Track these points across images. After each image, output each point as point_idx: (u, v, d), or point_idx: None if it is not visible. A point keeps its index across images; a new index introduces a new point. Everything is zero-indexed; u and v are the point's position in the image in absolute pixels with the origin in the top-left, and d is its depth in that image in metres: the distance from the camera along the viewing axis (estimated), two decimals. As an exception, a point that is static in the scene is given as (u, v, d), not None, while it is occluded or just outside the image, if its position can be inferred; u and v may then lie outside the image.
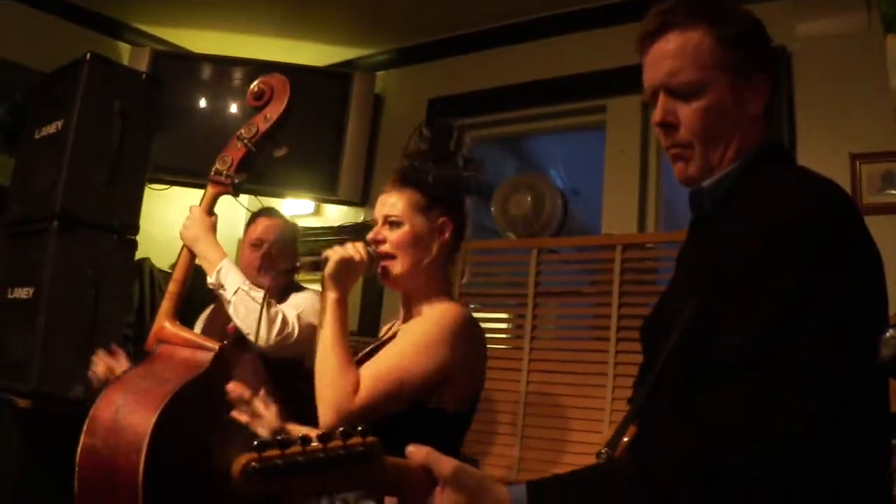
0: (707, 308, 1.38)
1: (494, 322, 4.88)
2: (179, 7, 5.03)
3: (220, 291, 2.83)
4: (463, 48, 5.10)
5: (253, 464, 1.12)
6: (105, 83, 3.62)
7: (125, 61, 4.91)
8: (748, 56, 1.56)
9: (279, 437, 1.15)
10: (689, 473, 1.24)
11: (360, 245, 2.31)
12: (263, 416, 2.26)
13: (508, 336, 4.61)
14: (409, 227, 2.35)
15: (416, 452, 1.32)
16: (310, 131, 4.65)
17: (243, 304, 2.80)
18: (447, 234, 2.42)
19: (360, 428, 1.20)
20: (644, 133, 4.38)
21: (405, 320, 2.42)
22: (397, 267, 2.34)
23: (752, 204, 1.43)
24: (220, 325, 3.31)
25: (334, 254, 2.26)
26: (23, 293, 3.48)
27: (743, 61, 1.56)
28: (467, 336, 2.27)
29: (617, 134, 4.50)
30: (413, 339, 2.22)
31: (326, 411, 2.13)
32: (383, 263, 2.34)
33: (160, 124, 3.88)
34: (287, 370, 3.06)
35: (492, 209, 4.80)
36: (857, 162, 3.58)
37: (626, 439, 1.55)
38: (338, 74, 5.24)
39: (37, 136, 3.72)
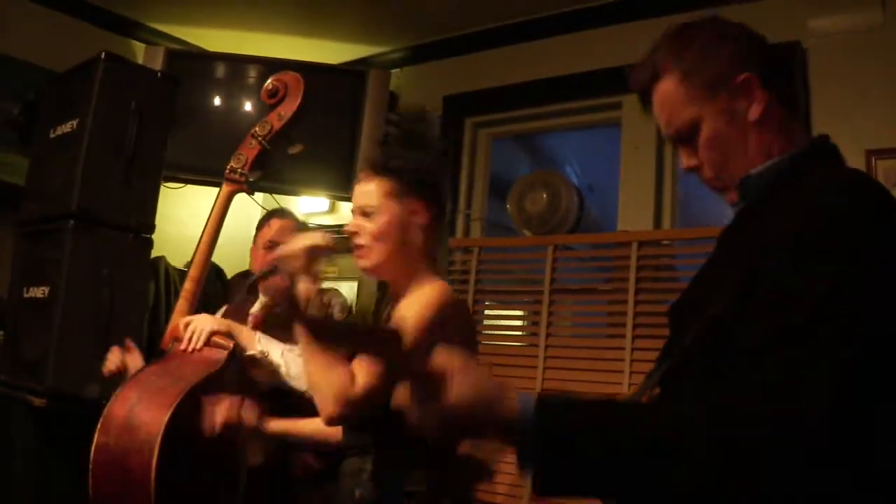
0: (741, 295, 1.38)
1: (510, 319, 4.88)
2: (193, 6, 5.04)
3: (270, 358, 2.81)
4: (478, 45, 5.09)
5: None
6: (120, 82, 3.61)
7: (140, 60, 4.92)
8: (719, 74, 1.58)
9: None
10: (697, 441, 1.24)
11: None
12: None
13: (524, 334, 4.60)
14: (385, 216, 2.36)
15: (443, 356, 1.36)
16: (324, 129, 4.63)
17: (293, 363, 2.78)
18: (424, 219, 2.42)
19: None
20: (659, 130, 4.33)
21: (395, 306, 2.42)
22: (376, 256, 2.35)
23: (795, 198, 1.44)
24: (238, 320, 3.31)
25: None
26: (38, 292, 3.48)
27: (716, 81, 1.58)
28: (453, 316, 2.29)
29: (633, 130, 4.48)
30: (401, 322, 2.21)
31: (328, 402, 2.12)
32: (362, 255, 2.37)
33: (175, 123, 3.87)
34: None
35: (507, 206, 4.79)
36: (872, 158, 3.55)
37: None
38: (352, 72, 5.22)
39: (52, 136, 3.72)
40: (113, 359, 2.83)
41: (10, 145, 4.52)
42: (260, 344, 2.68)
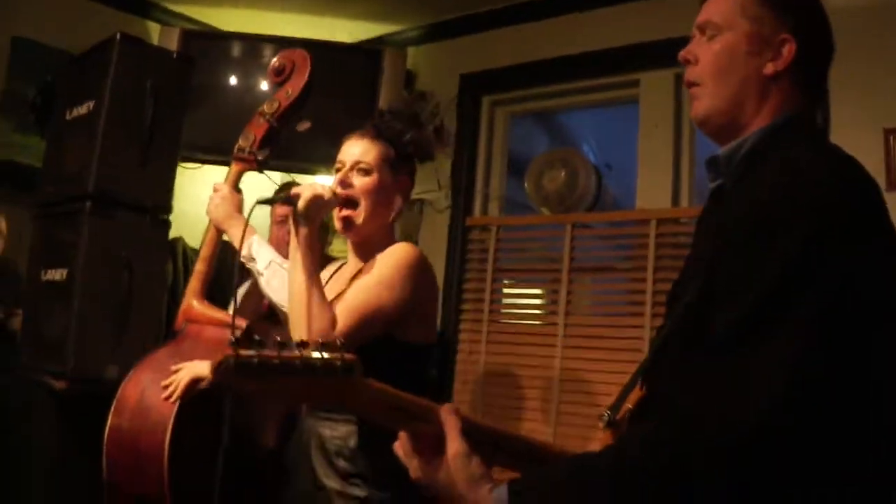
0: (709, 281, 1.36)
1: (528, 298, 4.87)
2: (209, -15, 5.03)
3: (252, 265, 2.83)
4: (495, 23, 5.05)
5: (230, 360, 1.11)
6: (136, 63, 3.60)
7: (155, 41, 4.91)
8: (776, 17, 1.56)
9: (257, 339, 1.14)
10: (658, 465, 1.22)
11: (327, 185, 2.36)
12: None
13: (543, 312, 4.60)
14: (377, 177, 2.44)
15: (446, 414, 1.35)
16: (341, 107, 4.61)
17: (276, 276, 2.78)
18: (406, 190, 2.54)
19: (338, 342, 1.20)
20: (678, 107, 4.32)
21: (356, 263, 2.50)
22: (360, 216, 2.42)
23: (759, 178, 1.41)
24: (254, 302, 3.31)
25: (305, 191, 2.29)
26: (57, 275, 3.48)
27: (769, 19, 1.56)
28: (426, 273, 2.40)
29: (650, 108, 4.44)
30: (379, 275, 2.30)
31: (301, 335, 2.15)
32: (346, 212, 2.42)
33: (191, 103, 3.86)
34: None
35: (525, 185, 4.77)
36: (890, 137, 3.49)
37: (629, 405, 1.58)
38: (368, 50, 5.22)
39: (68, 118, 3.72)
40: None
41: (27, 127, 4.54)
42: (249, 248, 2.68)
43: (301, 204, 2.27)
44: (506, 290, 4.80)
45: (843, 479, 1.25)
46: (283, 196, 2.42)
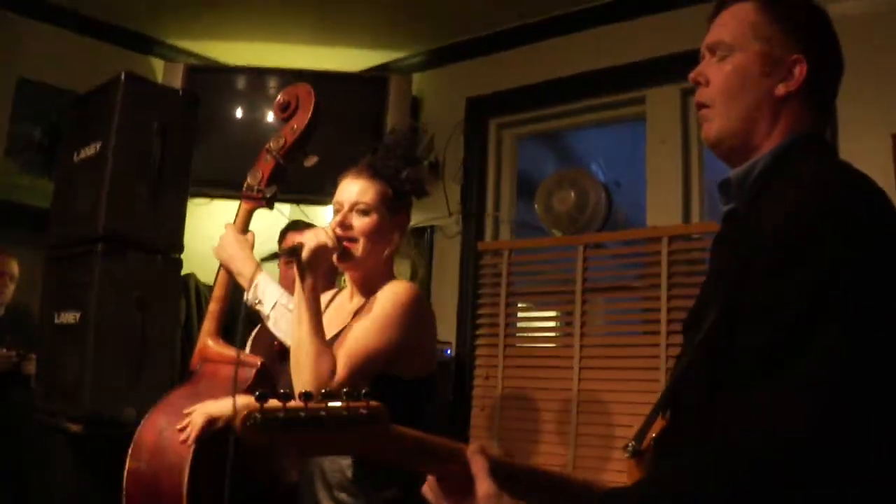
0: (732, 306, 1.36)
1: (543, 321, 4.85)
2: (211, 20, 5.04)
3: (258, 308, 2.82)
4: (499, 45, 5.06)
5: (256, 415, 1.10)
6: (141, 102, 3.59)
7: (159, 77, 4.93)
8: (788, 37, 1.55)
9: (282, 391, 1.13)
10: (698, 493, 1.23)
11: (329, 231, 2.39)
12: None
13: (558, 335, 4.58)
14: (376, 217, 2.46)
15: (473, 454, 1.34)
16: (348, 136, 4.60)
17: (283, 318, 2.78)
18: (404, 227, 2.58)
19: (364, 391, 1.19)
20: (685, 122, 4.32)
21: (357, 299, 2.54)
22: (359, 251, 2.45)
23: (776, 199, 1.40)
24: (266, 342, 3.30)
25: (309, 241, 2.32)
26: (70, 317, 3.47)
27: (780, 39, 1.55)
28: (422, 312, 2.46)
29: (658, 124, 4.44)
30: (377, 316, 2.34)
31: (301, 383, 2.23)
32: (346, 245, 2.44)
33: (199, 138, 3.86)
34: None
35: (535, 206, 4.76)
36: (898, 143, 3.48)
37: (653, 434, 1.58)
38: (374, 78, 5.22)
39: (75, 159, 3.71)
40: None
41: (34, 169, 4.55)
42: (255, 290, 2.67)
43: (305, 254, 2.29)
44: (520, 314, 4.78)
45: (883, 487, 1.25)
46: (287, 249, 2.43)
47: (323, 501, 2.36)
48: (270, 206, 2.83)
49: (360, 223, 2.45)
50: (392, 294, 2.38)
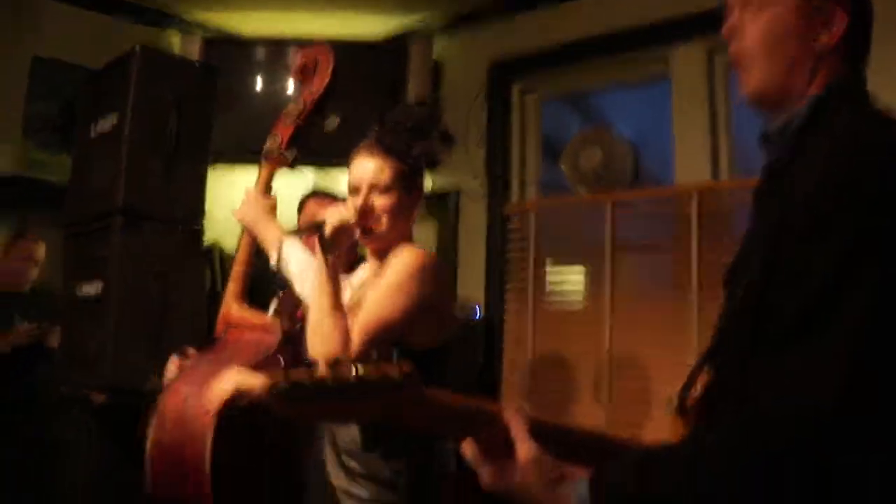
0: (771, 264, 1.32)
1: (573, 281, 4.81)
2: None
3: (285, 269, 2.79)
4: (520, 6, 4.99)
5: (282, 384, 1.06)
6: (157, 75, 3.58)
7: (177, 51, 4.89)
8: None
9: (307, 360, 1.09)
10: (736, 459, 1.21)
11: (350, 207, 2.39)
12: None
13: (588, 294, 4.53)
14: (395, 196, 2.43)
15: (512, 416, 1.33)
16: (369, 101, 4.57)
17: (308, 281, 2.74)
18: (418, 204, 2.55)
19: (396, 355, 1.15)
20: (710, 79, 4.25)
21: (376, 271, 2.51)
22: (381, 228, 2.43)
23: (811, 154, 1.36)
24: (290, 308, 3.26)
25: (331, 217, 2.33)
26: (91, 290, 3.48)
27: None
28: (432, 275, 2.39)
29: (682, 82, 4.38)
30: (388, 284, 2.32)
31: (316, 353, 2.24)
32: (373, 226, 2.43)
33: (219, 110, 3.82)
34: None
35: (562, 166, 4.70)
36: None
37: (697, 390, 1.53)
38: (394, 43, 5.17)
39: (92, 134, 3.70)
40: (172, 368, 2.80)
41: (51, 145, 4.53)
42: (281, 251, 2.65)
43: (328, 230, 2.31)
44: (550, 275, 4.73)
45: None
46: (311, 225, 2.47)
47: (329, 466, 2.37)
48: (292, 167, 2.81)
49: (380, 202, 2.42)
50: (400, 261, 2.36)
